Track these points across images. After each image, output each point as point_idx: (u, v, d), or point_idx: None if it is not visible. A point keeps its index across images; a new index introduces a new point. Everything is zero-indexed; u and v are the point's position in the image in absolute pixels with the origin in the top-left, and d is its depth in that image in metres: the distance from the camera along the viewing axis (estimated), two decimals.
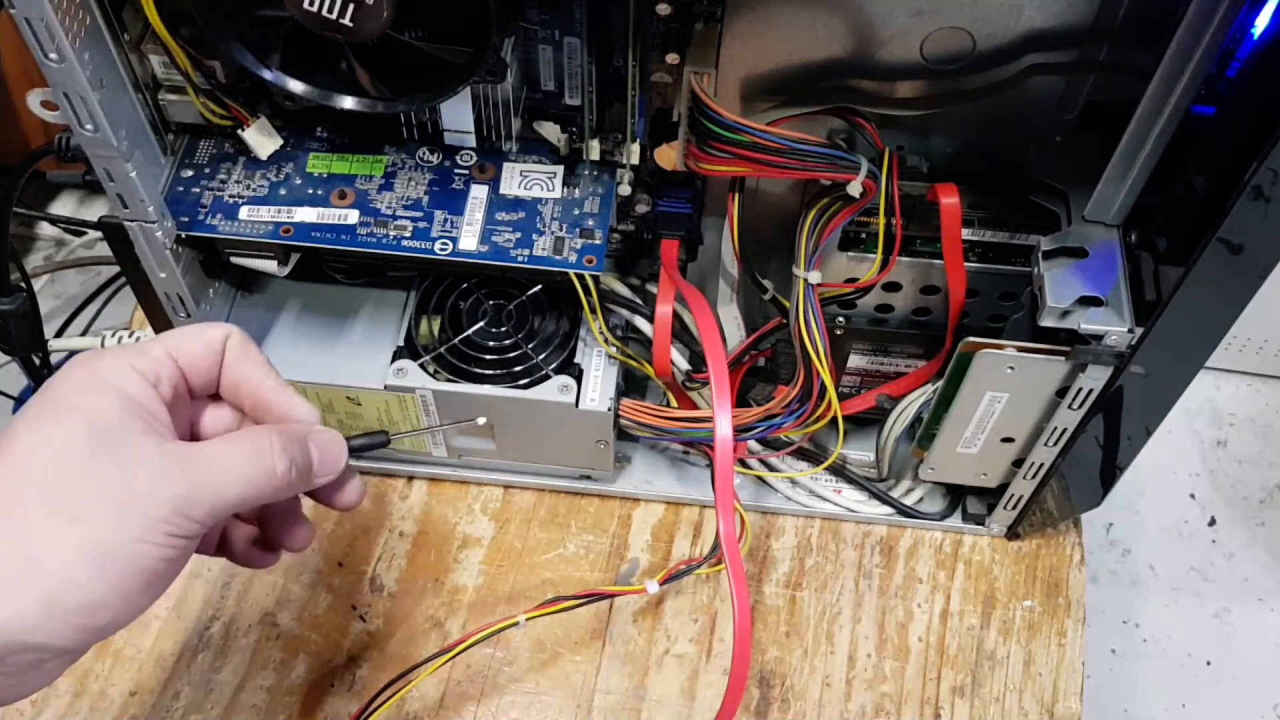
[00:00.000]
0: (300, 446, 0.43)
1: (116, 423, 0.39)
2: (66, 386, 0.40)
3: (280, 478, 0.42)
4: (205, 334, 0.43)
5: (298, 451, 0.43)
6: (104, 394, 0.39)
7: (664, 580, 0.59)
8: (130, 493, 0.38)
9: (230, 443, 0.42)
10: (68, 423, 0.38)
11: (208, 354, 0.43)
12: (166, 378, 0.42)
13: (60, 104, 0.44)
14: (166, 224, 0.51)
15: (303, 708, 0.59)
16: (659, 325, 0.58)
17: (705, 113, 0.47)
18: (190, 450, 0.40)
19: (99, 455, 0.38)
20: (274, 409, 0.44)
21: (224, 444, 0.42)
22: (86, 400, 0.39)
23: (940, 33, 0.48)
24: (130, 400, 0.40)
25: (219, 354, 0.44)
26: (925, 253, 0.55)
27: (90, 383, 0.40)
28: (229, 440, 0.42)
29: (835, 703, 0.61)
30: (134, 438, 0.39)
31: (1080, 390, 0.52)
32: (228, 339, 0.44)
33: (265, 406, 0.44)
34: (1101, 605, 1.05)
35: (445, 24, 0.46)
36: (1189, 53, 0.42)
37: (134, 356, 0.41)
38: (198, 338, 0.43)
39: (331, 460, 0.45)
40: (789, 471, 0.66)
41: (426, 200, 0.54)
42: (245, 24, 0.46)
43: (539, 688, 0.60)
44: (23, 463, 0.38)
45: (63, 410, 0.39)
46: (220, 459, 0.41)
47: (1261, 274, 0.43)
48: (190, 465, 0.40)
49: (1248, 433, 1.16)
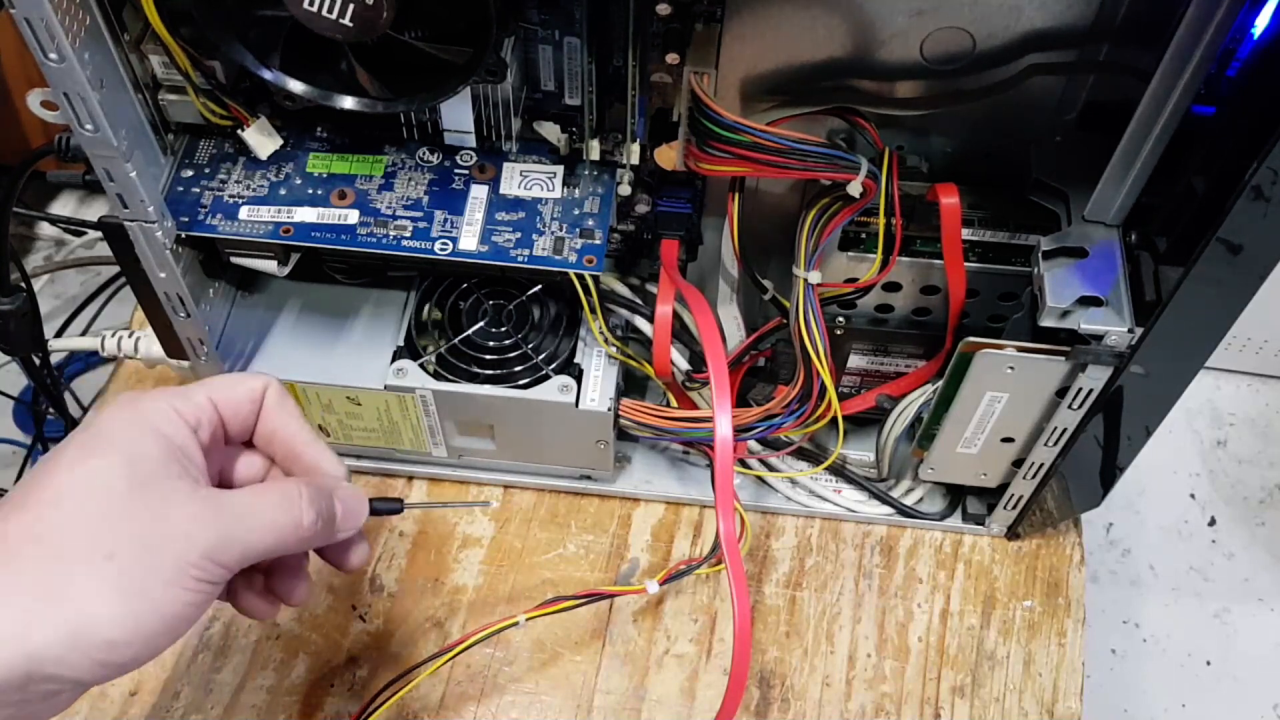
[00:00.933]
0: (326, 500, 0.44)
1: (155, 465, 0.40)
2: (110, 425, 0.41)
3: (307, 529, 0.43)
4: (246, 383, 0.45)
5: (324, 505, 0.44)
6: (145, 435, 0.41)
7: (664, 580, 0.59)
8: (164, 536, 0.39)
9: (261, 493, 0.43)
10: (108, 461, 0.39)
11: (247, 402, 0.45)
12: (206, 423, 0.43)
13: (60, 104, 0.44)
14: (166, 224, 0.51)
15: (303, 708, 0.59)
16: (659, 325, 0.58)
17: (705, 113, 0.47)
18: (222, 497, 0.41)
19: (136, 496, 0.39)
20: (303, 460, 0.46)
21: (255, 494, 0.43)
22: (128, 440, 0.40)
23: (940, 33, 0.48)
24: (170, 443, 0.41)
25: (258, 403, 0.45)
26: (925, 253, 0.55)
27: (133, 423, 0.41)
28: (260, 491, 0.43)
29: (835, 703, 0.61)
30: (171, 481, 0.40)
31: (1080, 390, 0.52)
32: (267, 389, 0.45)
33: (295, 457, 0.46)
34: (1101, 605, 1.05)
35: (445, 24, 0.46)
36: (1189, 53, 0.42)
37: (177, 400, 0.42)
38: (239, 386, 0.45)
39: (354, 516, 0.46)
40: (789, 471, 0.66)
41: (426, 200, 0.54)
42: (245, 24, 0.46)
43: (539, 688, 0.60)
44: (64, 498, 0.38)
45: (105, 448, 0.40)
46: (251, 507, 0.42)
47: (1261, 274, 0.43)
48: (222, 512, 0.41)
49: (1248, 433, 1.16)
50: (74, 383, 1.07)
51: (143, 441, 0.40)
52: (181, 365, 0.60)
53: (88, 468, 0.39)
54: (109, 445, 0.40)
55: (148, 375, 0.71)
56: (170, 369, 0.63)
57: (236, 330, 0.61)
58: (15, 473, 0.99)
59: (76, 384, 1.06)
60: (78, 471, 0.39)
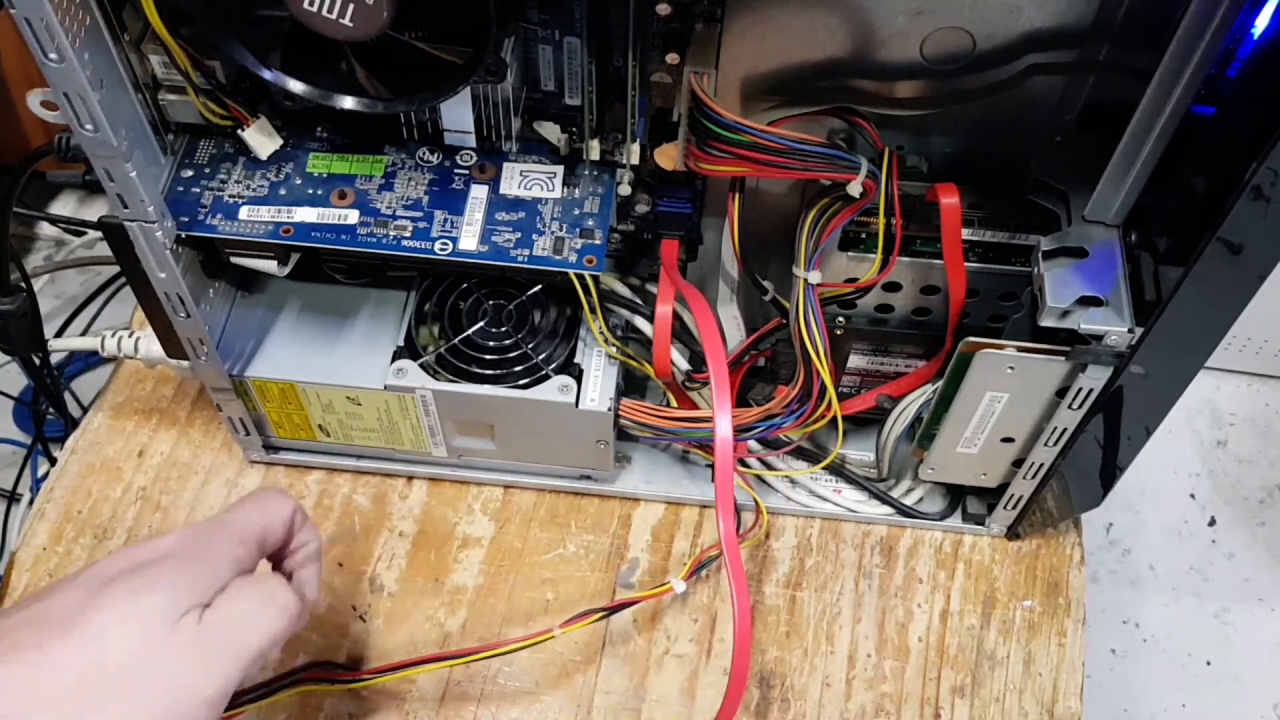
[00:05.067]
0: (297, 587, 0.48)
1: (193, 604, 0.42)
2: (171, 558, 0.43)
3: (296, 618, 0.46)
4: (281, 514, 0.48)
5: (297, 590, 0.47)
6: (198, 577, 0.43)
7: (687, 575, 0.59)
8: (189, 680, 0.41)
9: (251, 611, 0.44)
10: (152, 606, 0.41)
11: (284, 533, 0.48)
12: (250, 558, 0.46)
13: (60, 104, 0.44)
14: (166, 224, 0.51)
15: (303, 708, 0.59)
16: (659, 325, 0.58)
17: (705, 113, 0.47)
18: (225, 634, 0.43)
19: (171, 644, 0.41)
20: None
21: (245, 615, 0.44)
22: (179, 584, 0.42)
23: (940, 33, 0.48)
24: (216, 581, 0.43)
25: (289, 530, 0.49)
26: (925, 253, 0.55)
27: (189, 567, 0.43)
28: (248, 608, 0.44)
29: (835, 703, 0.61)
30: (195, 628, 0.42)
31: (1080, 390, 0.52)
32: (294, 514, 0.49)
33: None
34: (1101, 605, 1.05)
35: (445, 24, 0.46)
36: (1189, 53, 0.42)
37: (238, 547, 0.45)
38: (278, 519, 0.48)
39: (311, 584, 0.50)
40: (789, 471, 0.66)
41: (426, 200, 0.54)
42: (245, 24, 0.46)
43: (539, 688, 0.60)
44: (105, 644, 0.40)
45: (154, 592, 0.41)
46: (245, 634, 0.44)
47: (1261, 274, 0.43)
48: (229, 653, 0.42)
49: (1248, 433, 1.16)
50: (74, 383, 1.07)
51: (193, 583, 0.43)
52: (181, 365, 0.60)
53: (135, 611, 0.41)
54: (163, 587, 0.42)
55: (148, 375, 0.71)
56: (170, 369, 0.63)
57: (236, 330, 0.61)
58: (15, 472, 0.99)
59: (76, 384, 1.06)
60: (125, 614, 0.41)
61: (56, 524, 0.65)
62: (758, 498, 0.65)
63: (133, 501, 0.66)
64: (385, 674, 0.58)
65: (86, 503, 0.66)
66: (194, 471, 0.67)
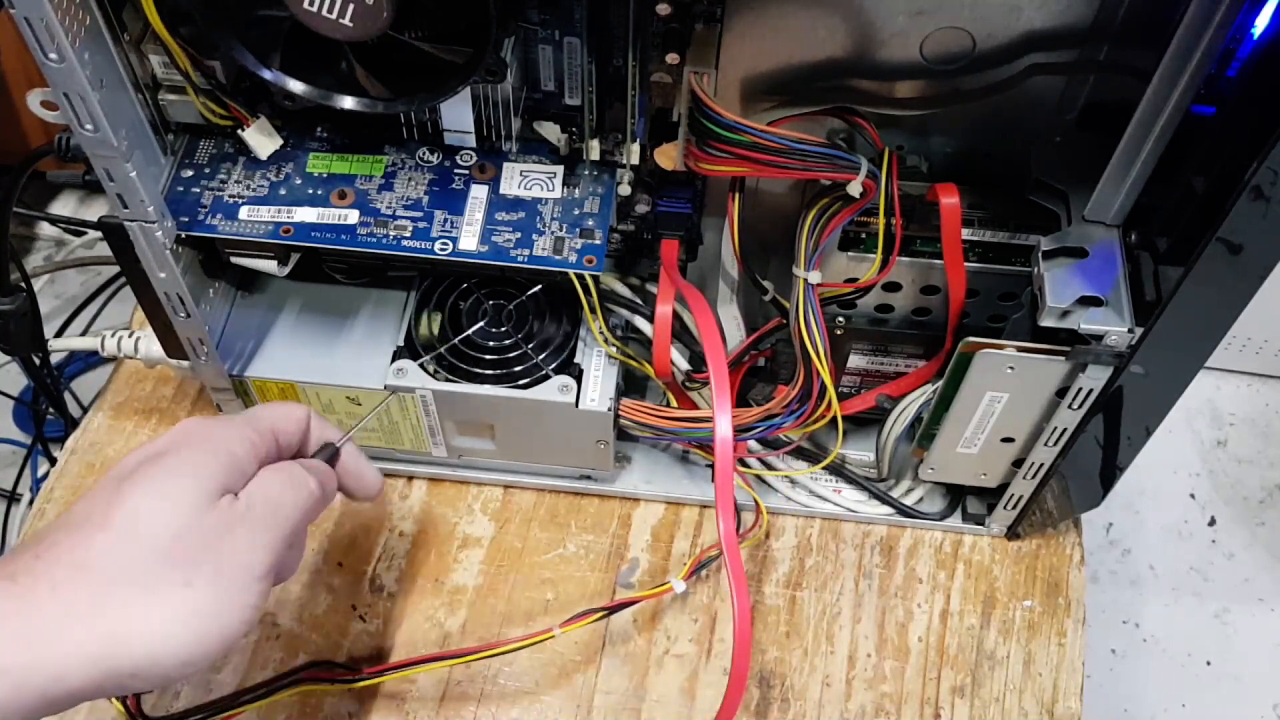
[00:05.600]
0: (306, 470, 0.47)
1: (222, 486, 0.43)
2: (185, 445, 0.43)
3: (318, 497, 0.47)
4: (295, 413, 0.49)
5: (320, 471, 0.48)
6: (219, 456, 0.43)
7: (687, 575, 0.59)
8: (233, 563, 0.42)
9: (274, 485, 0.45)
10: (182, 486, 0.42)
11: (298, 432, 0.49)
12: (264, 449, 0.46)
13: (60, 104, 0.44)
14: (166, 224, 0.51)
15: (303, 708, 0.59)
16: (659, 325, 0.58)
17: (705, 113, 0.47)
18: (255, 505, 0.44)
19: (209, 522, 0.41)
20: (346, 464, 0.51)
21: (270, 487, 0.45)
22: (201, 462, 0.43)
23: (940, 33, 0.48)
24: (235, 464, 0.44)
25: (304, 430, 0.49)
26: (925, 253, 0.55)
27: (206, 445, 0.43)
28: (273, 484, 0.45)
29: (835, 703, 0.61)
30: (230, 502, 0.42)
31: (1080, 390, 0.52)
32: (309, 416, 0.50)
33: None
34: (1101, 605, 1.05)
35: (445, 24, 0.46)
36: (1189, 53, 0.42)
37: (248, 428, 0.46)
38: (291, 417, 0.48)
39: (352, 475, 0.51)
40: (789, 471, 0.66)
41: (426, 200, 0.54)
42: (245, 24, 0.46)
43: (539, 688, 0.60)
44: (141, 525, 0.41)
45: (180, 470, 0.42)
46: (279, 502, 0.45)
47: (1261, 274, 0.43)
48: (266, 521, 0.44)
49: (1248, 433, 1.16)
50: (74, 383, 1.07)
51: (215, 463, 0.43)
52: (181, 365, 0.60)
53: (160, 492, 0.41)
54: (185, 467, 0.42)
55: (148, 375, 0.71)
56: (170, 369, 0.63)
57: (236, 330, 0.61)
58: (15, 472, 0.99)
59: (76, 384, 1.06)
60: (152, 497, 0.41)
61: None
62: (758, 498, 0.65)
63: None
64: (385, 674, 0.58)
65: None
66: None
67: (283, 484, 0.45)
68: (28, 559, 0.39)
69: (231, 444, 0.44)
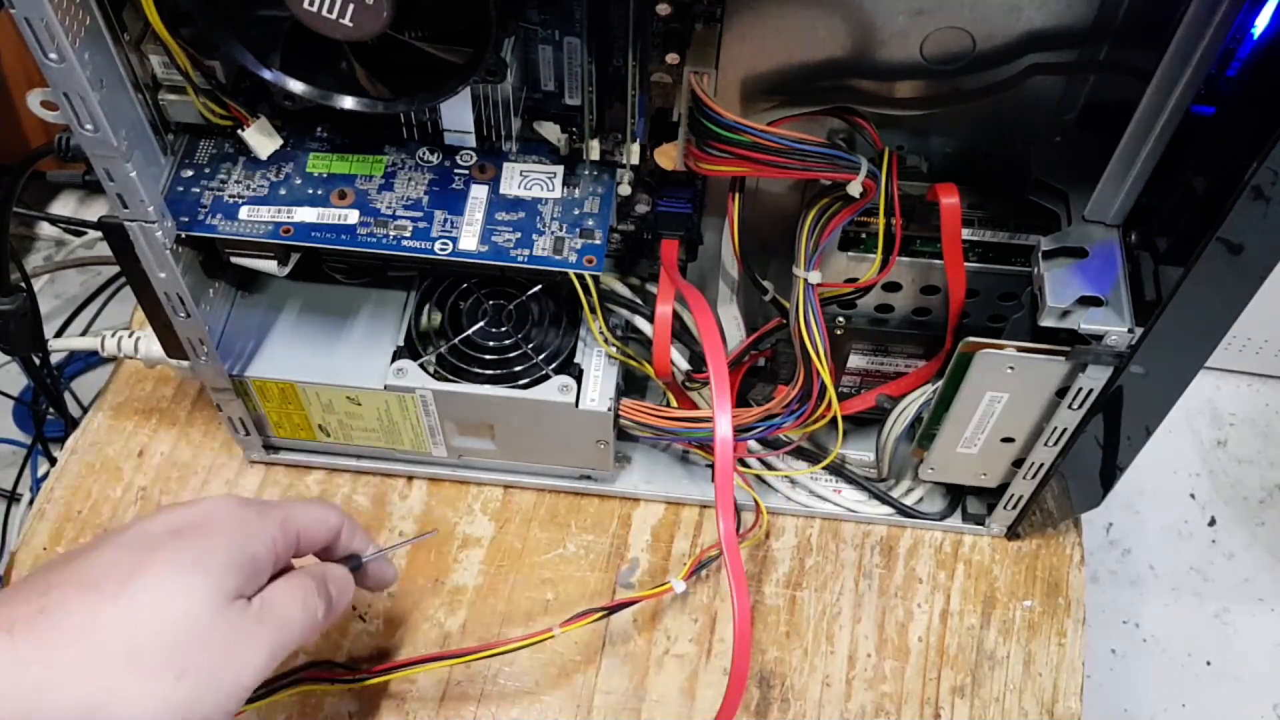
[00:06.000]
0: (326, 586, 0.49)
1: (238, 587, 0.44)
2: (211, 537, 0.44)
3: (322, 621, 0.48)
4: (329, 520, 0.50)
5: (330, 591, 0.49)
6: (242, 554, 0.44)
7: (687, 575, 0.59)
8: (230, 666, 0.42)
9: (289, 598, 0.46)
10: (201, 586, 0.42)
11: (324, 541, 0.50)
12: (286, 554, 0.47)
13: (60, 104, 0.44)
14: (166, 224, 0.51)
15: (303, 708, 0.59)
16: (659, 325, 0.58)
17: (705, 113, 0.47)
18: (266, 610, 0.45)
19: (219, 623, 0.42)
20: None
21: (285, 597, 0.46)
22: (224, 561, 0.43)
23: (940, 33, 0.48)
24: (255, 566, 0.45)
25: (334, 537, 0.50)
26: (925, 253, 0.55)
27: (232, 545, 0.44)
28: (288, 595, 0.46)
29: (835, 703, 0.61)
30: (242, 605, 0.44)
31: (1080, 390, 0.52)
32: (342, 527, 0.51)
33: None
34: (1101, 605, 1.05)
35: (445, 24, 0.46)
36: (1189, 53, 0.42)
37: (277, 531, 0.46)
38: (324, 524, 0.50)
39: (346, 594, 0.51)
40: (789, 471, 0.66)
41: (426, 200, 0.54)
42: (245, 24, 0.46)
43: (539, 688, 0.60)
44: (152, 613, 0.41)
45: (199, 569, 0.43)
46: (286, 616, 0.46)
47: (1261, 274, 0.43)
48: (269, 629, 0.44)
49: (1248, 433, 1.16)
50: (74, 383, 1.07)
51: (235, 565, 0.44)
52: (181, 365, 0.60)
53: (181, 585, 0.42)
54: (208, 563, 0.43)
55: (148, 375, 0.71)
56: (170, 369, 0.63)
57: (236, 330, 0.61)
58: (15, 472, 0.99)
59: (76, 384, 1.06)
60: (171, 584, 0.42)
61: (56, 524, 0.65)
62: (758, 498, 0.65)
63: (133, 501, 0.66)
64: (385, 674, 0.58)
65: (86, 503, 0.66)
66: (194, 471, 0.67)
67: (297, 603, 0.46)
68: (31, 611, 0.40)
69: (256, 546, 0.45)
